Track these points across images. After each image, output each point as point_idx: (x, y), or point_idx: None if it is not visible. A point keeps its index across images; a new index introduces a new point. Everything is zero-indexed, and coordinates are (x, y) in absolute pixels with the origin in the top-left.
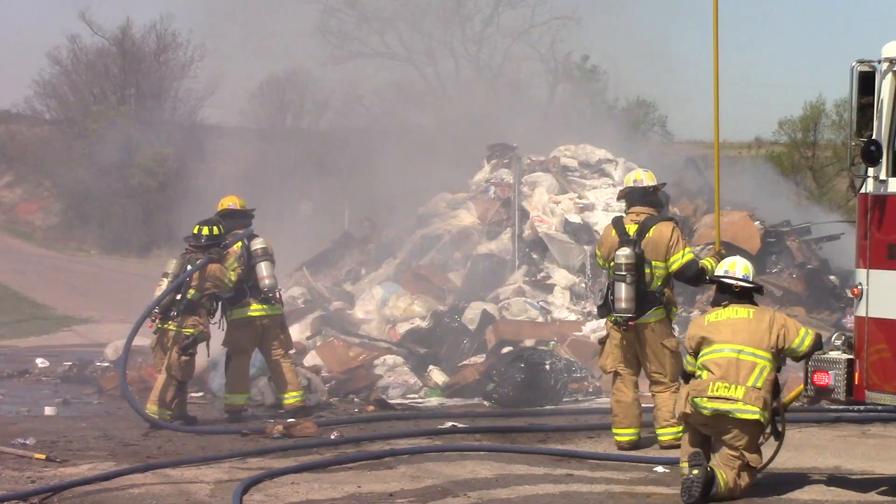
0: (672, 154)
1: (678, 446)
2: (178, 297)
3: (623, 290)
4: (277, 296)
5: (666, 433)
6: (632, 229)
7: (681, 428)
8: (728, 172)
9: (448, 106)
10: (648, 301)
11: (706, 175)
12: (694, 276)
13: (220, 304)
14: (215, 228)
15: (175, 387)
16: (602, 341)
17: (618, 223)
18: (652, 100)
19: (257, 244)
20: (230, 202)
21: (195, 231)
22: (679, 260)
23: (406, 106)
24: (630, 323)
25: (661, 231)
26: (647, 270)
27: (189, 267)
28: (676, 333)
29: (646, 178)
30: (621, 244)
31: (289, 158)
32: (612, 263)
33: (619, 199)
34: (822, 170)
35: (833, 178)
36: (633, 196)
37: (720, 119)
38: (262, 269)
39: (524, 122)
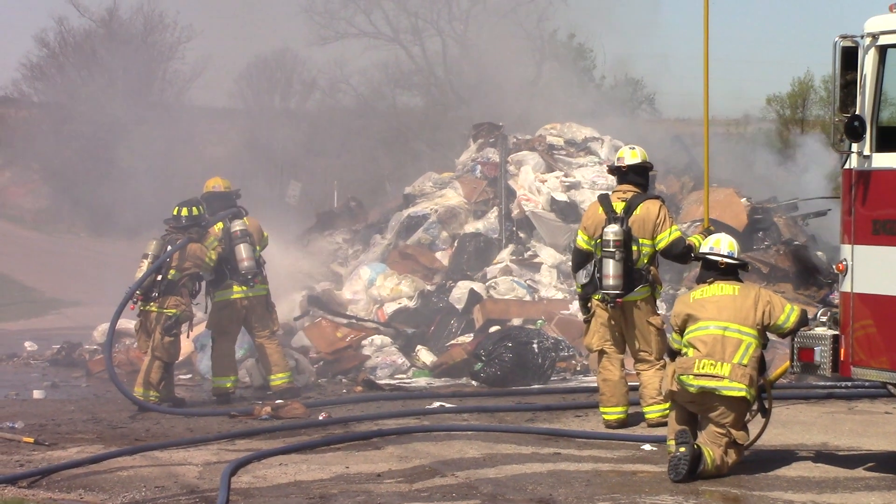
0: (660, 132)
1: (665, 424)
2: (159, 278)
3: (611, 267)
4: (258, 279)
5: (653, 411)
6: (619, 207)
7: (667, 405)
8: (715, 149)
9: (435, 85)
10: (635, 279)
11: (693, 152)
12: (681, 253)
13: (202, 284)
14: (195, 209)
15: (161, 368)
16: (587, 320)
17: (604, 200)
18: (639, 77)
19: (237, 226)
20: (214, 184)
21: (174, 212)
22: (666, 238)
23: (393, 86)
24: (617, 301)
25: (649, 209)
26: (634, 248)
27: (169, 248)
28: (663, 311)
29: (629, 156)
30: (609, 221)
31: (277, 139)
32: (599, 240)
33: (611, 167)
34: (809, 145)
35: (821, 154)
36: (620, 173)
37: (709, 96)
38: (241, 251)
39: (510, 100)
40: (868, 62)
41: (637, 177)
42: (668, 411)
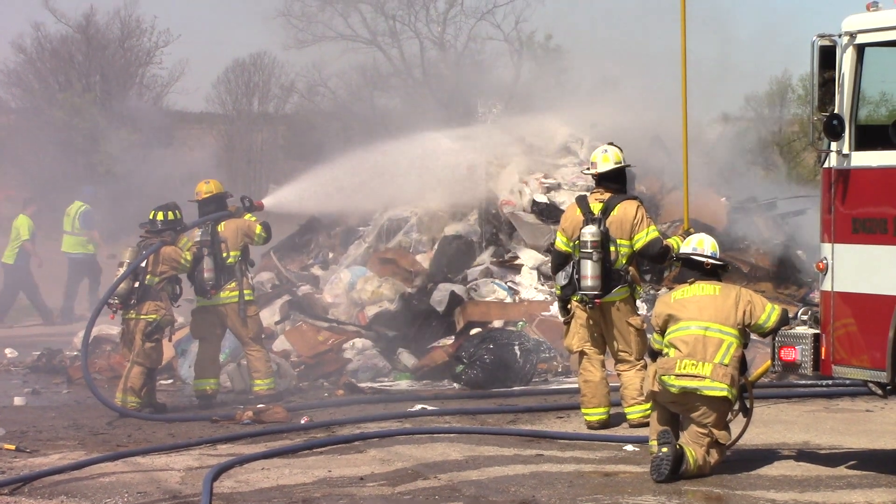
0: (638, 131)
1: (647, 424)
2: (136, 284)
3: (589, 268)
4: (215, 290)
5: (634, 412)
6: (596, 208)
7: (649, 406)
8: (694, 149)
9: (413, 87)
10: (613, 279)
11: (671, 152)
12: (658, 253)
13: (181, 287)
14: (170, 213)
15: (143, 374)
16: (567, 321)
17: (582, 202)
18: (616, 77)
19: (204, 235)
20: (206, 189)
21: (151, 216)
22: (643, 238)
23: (371, 88)
24: (596, 301)
25: (626, 209)
26: (613, 248)
27: (144, 253)
28: (644, 311)
29: (601, 161)
30: (586, 222)
31: (255, 143)
32: (577, 242)
33: (584, 172)
34: (788, 145)
35: (800, 153)
36: (598, 174)
37: (686, 96)
38: (204, 261)
39: (489, 102)
40: (846, 61)
41: (611, 181)
42: (649, 412)
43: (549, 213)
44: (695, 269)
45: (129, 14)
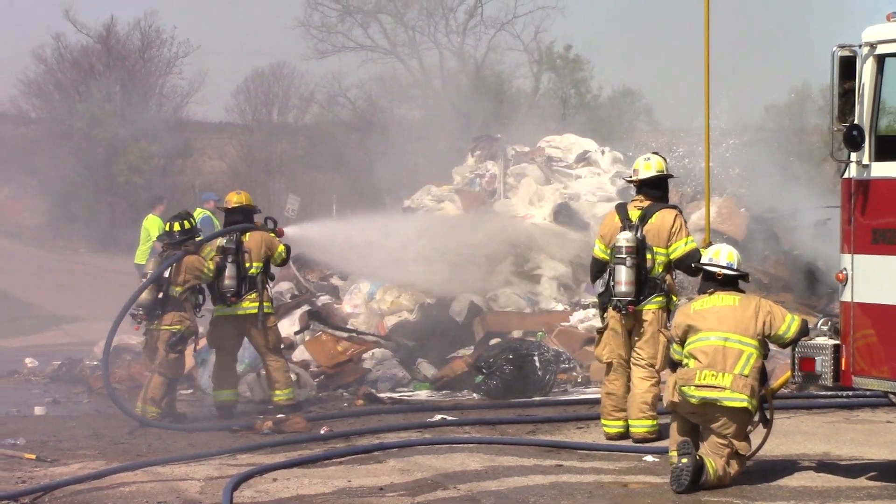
0: (658, 141)
1: (651, 439)
2: (160, 295)
3: (623, 274)
4: (235, 298)
5: (640, 425)
6: (634, 215)
7: (655, 422)
8: (713, 159)
9: (433, 98)
10: (649, 287)
11: (690, 162)
12: (695, 266)
13: (205, 297)
14: (186, 223)
15: (164, 385)
16: (601, 331)
17: (621, 209)
18: (637, 88)
19: (229, 243)
20: (237, 200)
21: (167, 228)
22: (682, 248)
23: (391, 98)
24: (629, 308)
25: (664, 218)
26: (649, 256)
27: (165, 263)
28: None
29: (643, 169)
30: (623, 229)
31: (275, 153)
32: (613, 248)
33: (626, 180)
34: (808, 155)
35: (820, 164)
36: (639, 181)
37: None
38: (226, 269)
39: (508, 112)
40: (866, 71)
41: (652, 189)
42: (655, 428)
43: (567, 224)
44: (711, 280)
45: (150, 24)
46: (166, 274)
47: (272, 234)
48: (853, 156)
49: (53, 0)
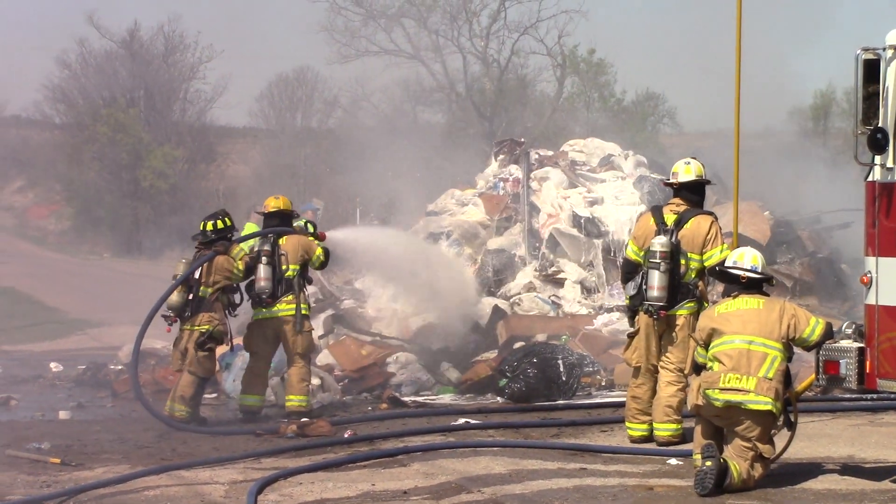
0: (681, 145)
1: (676, 443)
2: (190, 296)
3: (656, 278)
4: (271, 300)
5: (664, 429)
6: (670, 219)
7: (680, 426)
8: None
9: (456, 102)
10: (682, 292)
11: (714, 166)
12: (719, 269)
13: (239, 296)
14: (219, 222)
15: (195, 384)
16: (631, 335)
17: (656, 212)
18: (660, 91)
19: (265, 245)
20: (275, 204)
21: (201, 227)
22: (717, 255)
23: (414, 103)
24: (661, 313)
25: (700, 223)
26: (683, 261)
27: (195, 263)
28: None
29: (683, 172)
30: (658, 232)
31: (299, 158)
32: (646, 251)
33: (665, 183)
34: (832, 158)
35: (844, 167)
36: (678, 184)
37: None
38: (258, 270)
39: (532, 116)
40: (890, 74)
41: (690, 193)
42: (680, 431)
43: (591, 228)
44: (734, 283)
45: (173, 29)
46: (196, 275)
47: (311, 238)
48: (877, 159)
49: (77, 5)
